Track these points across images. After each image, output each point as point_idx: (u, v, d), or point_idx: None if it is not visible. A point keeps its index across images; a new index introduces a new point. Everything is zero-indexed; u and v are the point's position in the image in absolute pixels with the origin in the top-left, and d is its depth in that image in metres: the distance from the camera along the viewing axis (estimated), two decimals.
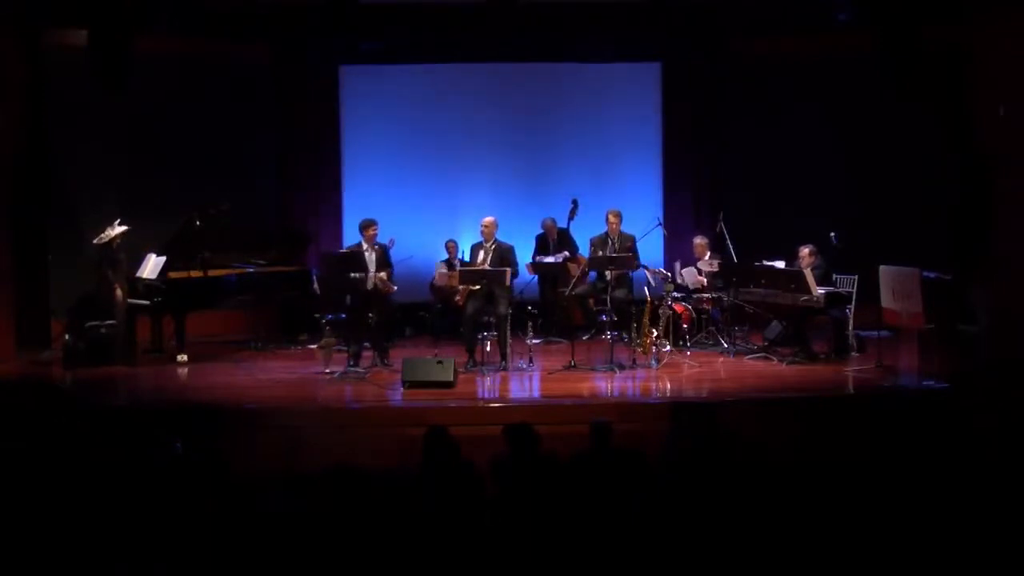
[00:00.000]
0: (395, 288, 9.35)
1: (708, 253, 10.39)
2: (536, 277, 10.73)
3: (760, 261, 9.55)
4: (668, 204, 11.98)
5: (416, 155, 12.07)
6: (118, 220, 9.62)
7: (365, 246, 9.28)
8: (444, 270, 10.90)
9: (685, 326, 9.94)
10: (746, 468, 5.30)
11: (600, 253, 9.70)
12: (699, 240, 10.50)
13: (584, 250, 10.62)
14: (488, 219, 9.43)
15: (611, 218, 9.88)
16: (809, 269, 9.19)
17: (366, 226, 9.35)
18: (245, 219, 10.91)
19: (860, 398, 8.10)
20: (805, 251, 9.42)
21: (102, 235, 9.56)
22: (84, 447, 6.54)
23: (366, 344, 9.24)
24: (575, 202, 11.00)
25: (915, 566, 4.48)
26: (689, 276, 10.31)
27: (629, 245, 9.79)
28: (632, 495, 5.05)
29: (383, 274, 9.27)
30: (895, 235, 10.50)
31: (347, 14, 11.42)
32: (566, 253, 10.82)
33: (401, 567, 4.45)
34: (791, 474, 5.35)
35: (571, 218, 11.01)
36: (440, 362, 8.43)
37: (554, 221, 11.11)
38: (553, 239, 11.08)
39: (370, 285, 9.20)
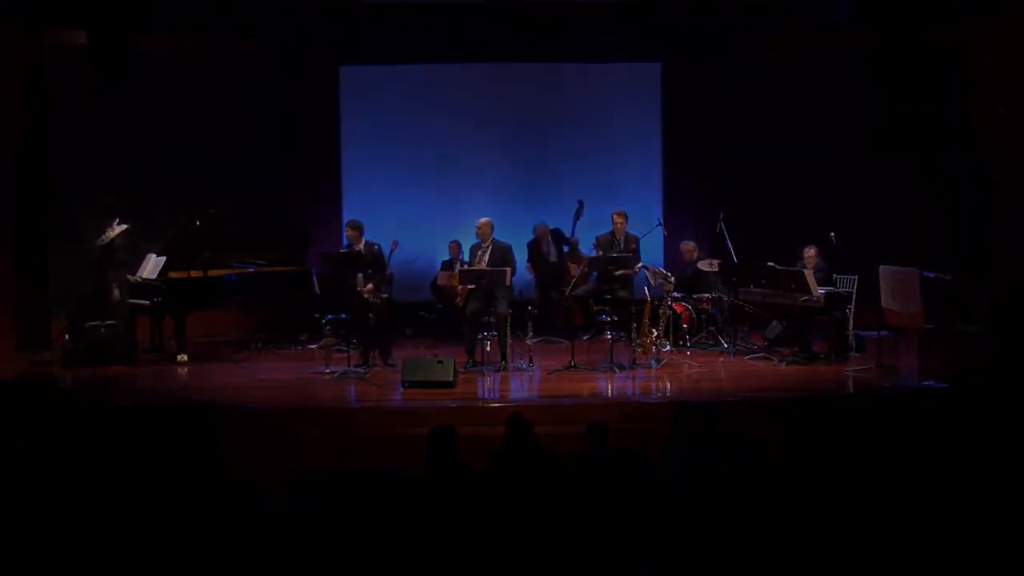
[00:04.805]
0: (378, 299, 9.31)
1: (695, 255, 10.42)
2: (535, 276, 10.73)
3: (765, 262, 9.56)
4: (668, 204, 11.98)
5: (416, 155, 12.06)
6: (117, 219, 9.62)
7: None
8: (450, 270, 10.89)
9: (685, 326, 9.95)
10: (746, 468, 5.30)
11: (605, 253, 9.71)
12: (687, 244, 10.55)
13: (588, 249, 10.61)
14: (483, 220, 9.44)
15: (616, 219, 9.89)
16: (812, 270, 9.20)
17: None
18: (245, 219, 10.92)
19: (860, 398, 8.10)
20: (811, 252, 9.44)
21: (103, 236, 9.57)
22: (84, 447, 6.54)
23: (370, 344, 9.28)
24: (580, 203, 11.00)
25: (915, 566, 4.48)
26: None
27: (634, 247, 9.82)
28: (631, 495, 5.05)
29: (370, 286, 9.30)
30: (895, 235, 10.50)
31: (347, 14, 11.43)
32: (575, 238, 10.81)
33: (401, 567, 4.45)
34: (791, 474, 5.35)
35: (577, 219, 10.99)
36: (440, 362, 8.44)
37: (546, 225, 11.10)
38: (547, 242, 11.08)
39: (360, 287, 9.27)
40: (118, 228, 9.60)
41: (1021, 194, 9.85)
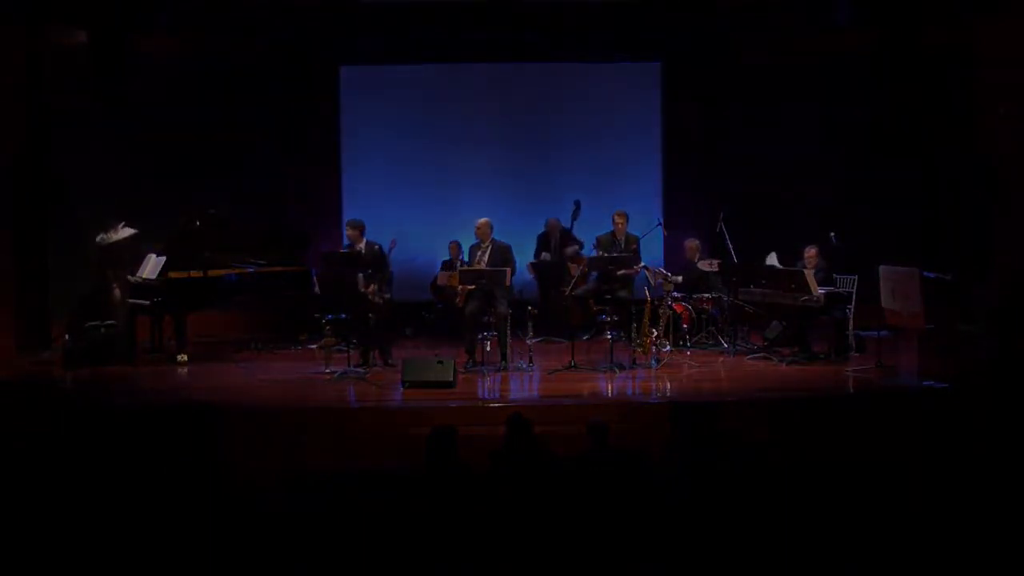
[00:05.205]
0: (381, 300, 9.34)
1: (699, 253, 10.43)
2: (536, 277, 10.73)
3: (761, 261, 9.56)
4: (668, 204, 11.99)
5: (416, 155, 12.08)
6: (123, 223, 9.62)
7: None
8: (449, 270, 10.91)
9: (685, 326, 9.94)
10: (746, 468, 5.30)
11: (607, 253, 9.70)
12: (691, 242, 10.55)
13: (589, 250, 10.62)
14: (481, 220, 9.45)
15: (617, 219, 9.91)
16: (813, 270, 9.21)
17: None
18: (245, 219, 10.91)
19: (860, 398, 8.10)
20: (812, 252, 9.44)
21: (106, 235, 9.56)
22: (84, 447, 6.54)
23: (369, 344, 9.27)
24: (577, 203, 11.01)
25: (915, 565, 4.48)
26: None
27: (634, 247, 9.82)
28: (631, 495, 5.05)
29: (373, 286, 9.32)
30: (895, 235, 10.49)
31: (347, 14, 11.43)
32: (575, 248, 10.83)
33: (401, 567, 4.45)
34: (791, 474, 5.35)
35: (574, 219, 11.02)
36: (440, 362, 8.44)
37: (559, 221, 11.12)
38: (556, 238, 11.10)
39: (362, 287, 9.29)
40: (123, 231, 9.59)
41: (1021, 194, 9.85)
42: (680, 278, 10.11)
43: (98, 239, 9.65)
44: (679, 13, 11.52)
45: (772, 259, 9.63)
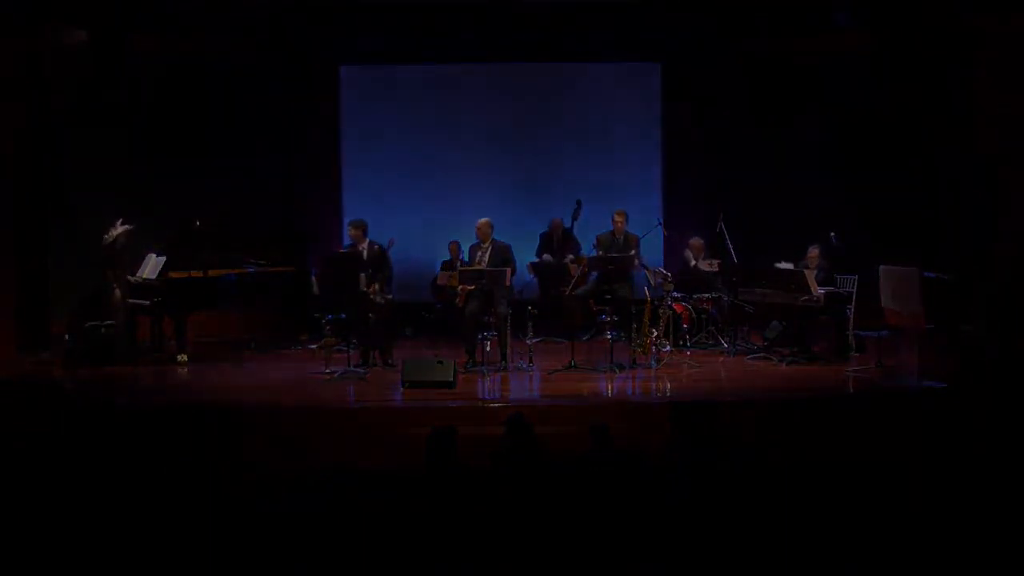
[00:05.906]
0: (383, 300, 9.34)
1: (703, 253, 10.43)
2: (536, 277, 10.74)
3: (765, 262, 9.54)
4: (668, 204, 11.99)
5: (415, 154, 12.09)
6: (121, 220, 9.64)
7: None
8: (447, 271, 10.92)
9: (685, 326, 9.94)
10: (746, 468, 5.30)
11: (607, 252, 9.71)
12: (695, 241, 10.55)
13: (588, 249, 10.62)
14: (482, 220, 9.45)
15: (617, 218, 9.91)
16: (814, 269, 9.21)
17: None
18: (245, 219, 10.91)
19: (860, 398, 8.10)
20: (815, 252, 9.45)
21: (107, 236, 9.57)
22: (84, 447, 6.54)
23: (369, 344, 9.27)
24: (579, 202, 11.01)
25: (915, 565, 4.48)
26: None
27: (634, 245, 9.83)
28: (631, 495, 5.05)
29: (376, 285, 9.32)
30: (895, 235, 10.49)
31: (347, 14, 11.44)
32: (571, 256, 10.84)
33: (401, 567, 4.45)
34: (791, 474, 5.35)
35: (575, 218, 11.01)
36: (440, 362, 8.44)
37: (562, 221, 11.14)
38: (557, 238, 11.11)
39: (364, 287, 9.28)
40: (121, 228, 9.60)
41: (1021, 194, 9.85)
42: (717, 261, 10.03)
43: (102, 242, 9.66)
44: (679, 13, 11.54)
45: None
